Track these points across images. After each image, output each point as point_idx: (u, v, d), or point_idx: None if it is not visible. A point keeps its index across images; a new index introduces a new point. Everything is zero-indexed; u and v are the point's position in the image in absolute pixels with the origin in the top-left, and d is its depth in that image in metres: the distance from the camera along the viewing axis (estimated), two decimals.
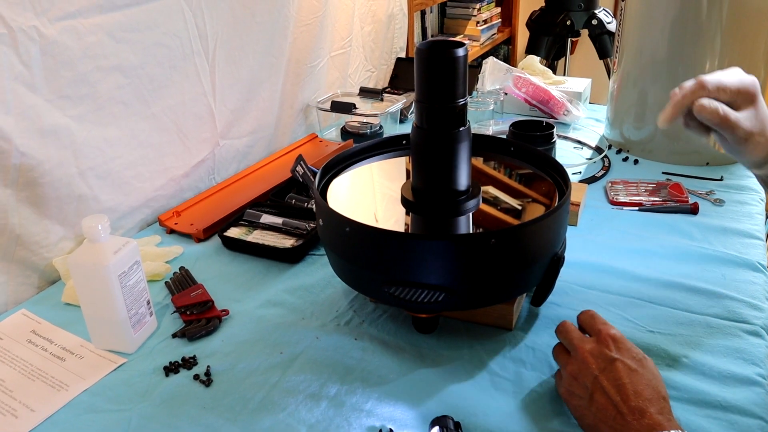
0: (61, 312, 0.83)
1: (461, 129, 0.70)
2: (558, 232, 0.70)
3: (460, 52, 0.66)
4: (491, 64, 1.45)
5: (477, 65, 1.50)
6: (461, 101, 0.69)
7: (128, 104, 0.96)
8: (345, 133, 1.38)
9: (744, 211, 1.01)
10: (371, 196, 0.83)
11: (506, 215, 0.77)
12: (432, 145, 0.70)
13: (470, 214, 0.74)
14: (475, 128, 1.34)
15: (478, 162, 0.87)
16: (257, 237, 0.95)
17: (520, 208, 0.79)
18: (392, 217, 0.78)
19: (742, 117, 0.64)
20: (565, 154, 1.27)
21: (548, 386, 0.67)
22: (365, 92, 1.46)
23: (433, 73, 0.67)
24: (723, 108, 0.64)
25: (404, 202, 0.75)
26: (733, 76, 0.66)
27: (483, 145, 0.86)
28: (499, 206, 0.79)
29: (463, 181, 0.72)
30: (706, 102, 0.64)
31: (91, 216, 0.71)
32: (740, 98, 0.65)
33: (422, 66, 0.68)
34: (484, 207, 0.76)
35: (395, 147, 0.88)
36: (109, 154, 0.95)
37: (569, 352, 0.64)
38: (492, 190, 0.81)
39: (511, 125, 1.11)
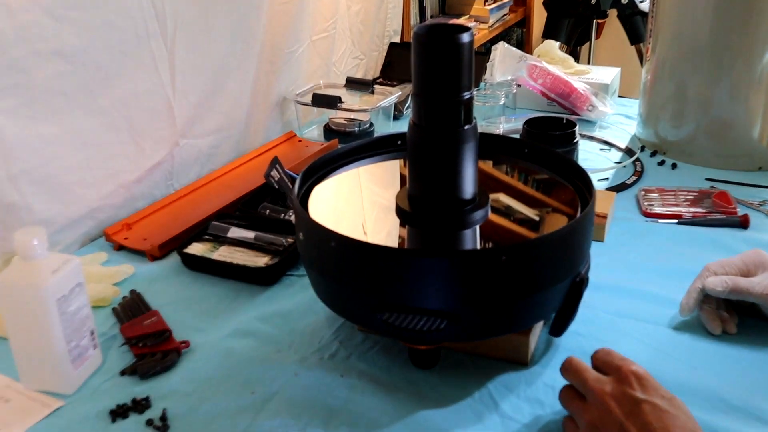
0: None
1: (466, 127, 0.71)
2: (581, 248, 0.71)
3: (465, 37, 0.67)
4: (502, 50, 1.46)
5: (485, 52, 1.51)
6: (466, 95, 0.70)
7: (70, 96, 0.96)
8: (329, 131, 1.39)
9: None
10: (360, 205, 0.84)
11: (521, 228, 0.78)
12: (432, 145, 0.71)
13: (477, 226, 0.74)
14: (483, 126, 1.35)
15: (488, 166, 0.88)
16: (224, 254, 0.95)
17: (537, 219, 0.80)
18: (384, 230, 0.79)
19: (755, 280, 0.77)
20: (590, 157, 1.28)
21: None
22: (353, 83, 1.47)
23: (433, 63, 0.68)
24: (730, 277, 0.78)
25: (399, 212, 0.76)
26: (737, 255, 0.81)
27: (492, 146, 0.87)
28: (513, 217, 0.80)
29: (468, 188, 0.73)
30: (712, 278, 0.79)
31: (24, 228, 0.71)
32: (750, 267, 0.79)
33: (420, 54, 0.69)
34: (494, 218, 0.77)
35: (388, 148, 0.89)
36: (47, 156, 0.95)
37: (583, 396, 0.64)
38: (504, 199, 0.82)
39: (526, 123, 1.13)
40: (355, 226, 0.79)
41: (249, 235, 0.98)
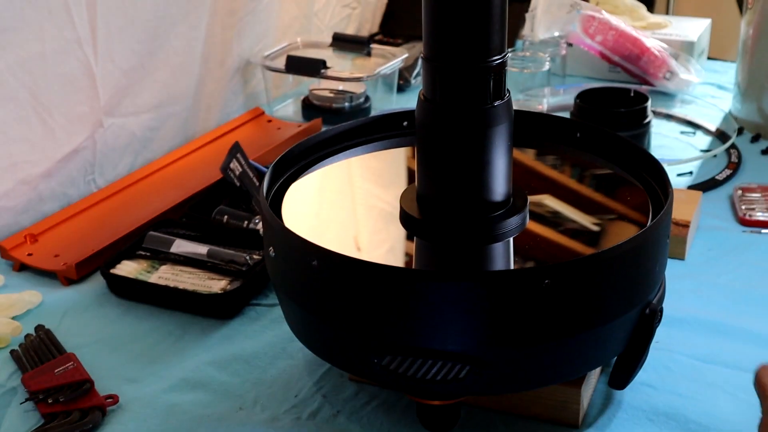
0: None
1: (497, 103, 0.72)
2: (652, 269, 0.72)
3: None
4: None
5: None
6: (497, 59, 0.71)
7: None
8: (309, 107, 1.40)
9: None
10: (351, 210, 0.85)
11: (571, 241, 0.79)
12: (450, 128, 0.72)
13: (511, 239, 0.76)
14: (521, 102, 1.36)
15: (527, 156, 0.90)
16: (166, 276, 0.96)
17: (594, 229, 0.81)
18: (384, 244, 0.80)
19: None
20: (667, 142, 1.29)
21: None
22: (342, 42, 1.47)
23: (452, 14, 0.69)
24: None
25: (405, 219, 0.77)
26: None
27: (533, 128, 0.88)
28: (561, 227, 0.81)
29: (499, 186, 0.74)
30: None
31: None
32: None
33: (434, 1, 0.70)
34: (535, 228, 0.78)
35: (391, 132, 0.90)
36: None
37: None
38: (549, 202, 0.83)
39: (578, 96, 1.13)
40: (345, 239, 0.80)
41: (200, 250, 0.99)
